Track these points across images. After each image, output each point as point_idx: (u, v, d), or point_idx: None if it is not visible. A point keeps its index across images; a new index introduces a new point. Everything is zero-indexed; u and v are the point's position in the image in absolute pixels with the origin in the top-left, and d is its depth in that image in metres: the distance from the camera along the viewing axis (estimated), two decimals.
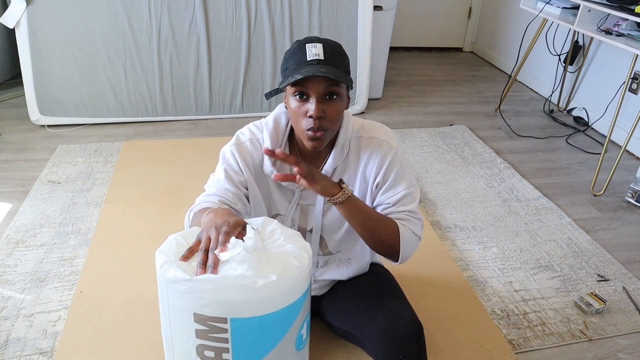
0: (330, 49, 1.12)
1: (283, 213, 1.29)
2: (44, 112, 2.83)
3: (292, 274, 0.96)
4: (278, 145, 1.25)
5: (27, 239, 1.98)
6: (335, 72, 1.09)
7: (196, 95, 3.00)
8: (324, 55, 1.10)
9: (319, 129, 1.12)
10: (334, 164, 1.25)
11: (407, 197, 1.25)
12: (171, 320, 1.00)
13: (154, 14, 2.78)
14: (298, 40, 1.15)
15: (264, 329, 0.98)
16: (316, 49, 1.10)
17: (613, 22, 2.60)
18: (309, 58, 1.10)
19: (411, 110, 3.43)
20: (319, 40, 1.12)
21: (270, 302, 0.96)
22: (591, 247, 2.11)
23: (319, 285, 1.42)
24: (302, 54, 1.11)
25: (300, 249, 1.01)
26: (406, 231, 1.22)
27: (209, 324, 0.95)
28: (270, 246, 1.02)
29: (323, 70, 1.07)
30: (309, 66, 1.09)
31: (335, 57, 1.12)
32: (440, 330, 1.62)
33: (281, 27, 2.96)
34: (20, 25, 2.65)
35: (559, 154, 2.94)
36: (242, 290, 0.92)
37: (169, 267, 0.94)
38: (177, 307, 0.96)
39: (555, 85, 3.52)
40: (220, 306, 0.93)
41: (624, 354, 1.62)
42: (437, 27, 4.66)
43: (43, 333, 1.56)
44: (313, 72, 1.07)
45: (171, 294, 0.96)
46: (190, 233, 1.04)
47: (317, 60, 1.09)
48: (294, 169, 1.08)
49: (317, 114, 1.10)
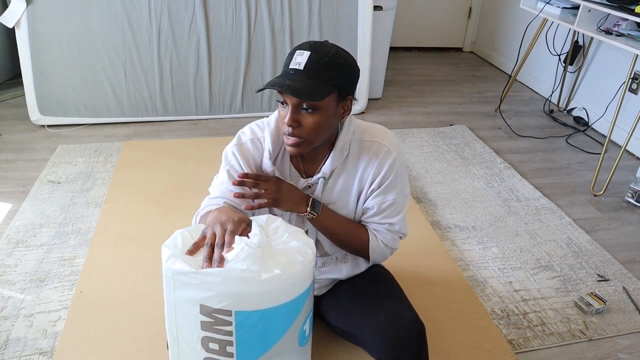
0: (317, 59, 1.09)
1: (279, 214, 1.29)
2: (44, 112, 2.83)
3: (296, 269, 0.98)
4: (279, 145, 1.26)
5: (27, 239, 1.98)
6: (303, 86, 1.07)
7: (196, 95, 3.00)
8: (305, 65, 1.08)
9: (292, 136, 1.14)
10: (332, 166, 1.25)
11: (393, 207, 1.28)
12: (177, 313, 1.01)
13: (154, 14, 2.78)
14: (303, 43, 1.15)
15: (267, 323, 1.00)
16: (301, 57, 1.09)
17: (613, 22, 2.60)
18: (290, 66, 1.10)
19: (411, 110, 3.43)
20: (311, 48, 1.10)
21: (274, 295, 0.97)
22: (591, 247, 2.11)
23: (319, 285, 1.42)
24: (289, 60, 1.11)
25: (304, 244, 1.03)
26: (376, 243, 1.31)
27: (215, 315, 0.97)
28: (275, 242, 1.03)
29: (289, 82, 1.07)
30: (283, 76, 1.10)
31: (318, 68, 1.09)
32: (440, 330, 1.62)
33: (281, 27, 2.96)
34: (20, 25, 2.65)
35: (559, 154, 2.94)
36: (247, 282, 0.94)
37: (175, 260, 0.96)
38: (184, 299, 0.98)
39: (555, 85, 3.52)
40: (225, 298, 0.95)
41: (624, 354, 1.62)
42: (437, 27, 4.66)
43: (43, 333, 1.56)
44: (278, 84, 1.07)
45: (177, 285, 0.97)
46: (195, 229, 1.06)
47: (295, 70, 1.09)
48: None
49: (289, 122, 1.12)
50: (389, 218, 1.29)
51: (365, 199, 1.29)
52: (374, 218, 1.30)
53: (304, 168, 1.28)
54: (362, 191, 1.28)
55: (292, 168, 1.28)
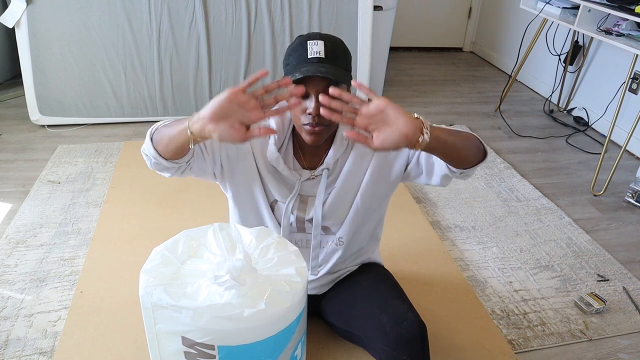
0: (332, 47, 1.12)
1: (282, 201, 1.29)
2: (44, 112, 2.83)
3: (282, 304, 0.90)
4: (283, 134, 1.25)
5: (27, 239, 1.98)
6: (335, 72, 1.09)
7: (196, 95, 3.00)
8: (325, 53, 1.10)
9: (318, 124, 1.13)
10: (335, 156, 1.26)
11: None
12: (159, 344, 0.97)
13: (154, 14, 2.78)
14: (300, 36, 1.16)
15: (253, 356, 0.94)
16: (317, 47, 1.10)
17: (613, 22, 2.60)
18: (309, 56, 1.10)
19: (411, 110, 3.38)
20: (321, 37, 1.12)
21: (259, 330, 0.91)
22: (591, 247, 2.11)
23: (319, 283, 1.42)
24: (304, 51, 1.11)
25: (295, 272, 0.95)
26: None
27: (198, 348, 0.92)
28: (262, 267, 0.96)
29: (323, 69, 1.08)
30: (310, 64, 1.09)
31: (336, 54, 1.12)
32: (440, 330, 1.62)
33: (281, 27, 2.96)
34: (20, 25, 2.65)
35: (559, 154, 2.94)
36: (229, 320, 0.88)
37: (153, 291, 0.89)
38: (165, 330, 0.93)
39: (555, 85, 3.52)
40: (207, 333, 0.90)
41: (624, 354, 1.62)
42: (437, 27, 4.66)
43: (43, 333, 1.56)
44: (313, 72, 1.07)
45: (158, 317, 0.92)
46: (174, 245, 0.97)
47: (318, 58, 1.10)
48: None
49: (316, 111, 1.10)
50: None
51: (407, 165, 1.27)
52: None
53: (306, 160, 1.28)
54: (380, 165, 1.27)
55: (295, 160, 1.28)
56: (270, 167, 1.26)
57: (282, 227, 1.31)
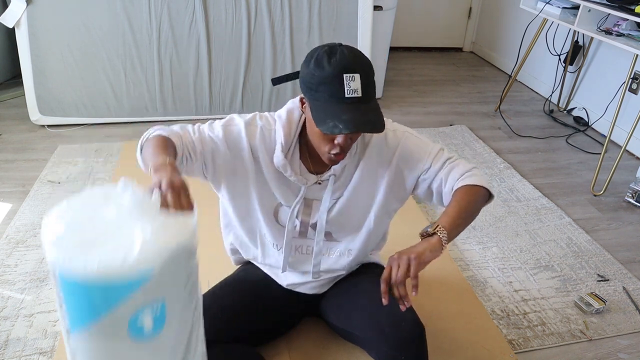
0: (366, 77, 1.05)
1: (287, 205, 1.29)
2: (44, 112, 2.83)
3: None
4: (290, 140, 1.22)
5: (27, 239, 1.98)
6: (376, 118, 1.06)
7: (196, 95, 3.00)
8: (362, 90, 1.03)
9: (342, 153, 1.14)
10: (342, 163, 1.25)
11: (439, 155, 1.27)
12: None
13: (154, 14, 2.78)
14: (331, 56, 1.05)
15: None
16: (355, 83, 1.03)
17: (613, 22, 2.60)
18: (347, 95, 1.03)
19: (411, 110, 3.43)
20: (354, 64, 1.04)
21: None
22: (591, 247, 2.11)
23: (319, 283, 1.42)
24: (339, 86, 1.03)
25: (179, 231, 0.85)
26: (471, 179, 1.25)
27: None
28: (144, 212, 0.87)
29: (363, 119, 1.04)
30: (349, 112, 1.03)
31: (370, 88, 1.06)
32: (440, 330, 1.62)
33: (281, 27, 2.96)
34: (20, 25, 2.65)
35: (559, 154, 2.94)
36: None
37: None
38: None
39: (555, 85, 3.52)
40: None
41: (624, 354, 1.62)
42: (437, 27, 4.66)
43: (43, 333, 1.56)
44: (357, 126, 1.03)
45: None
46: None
47: (357, 98, 1.03)
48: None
49: (347, 146, 1.13)
50: (444, 162, 1.27)
51: (416, 185, 1.30)
52: (440, 175, 1.27)
53: (313, 164, 1.27)
54: (390, 173, 1.28)
55: (302, 165, 1.26)
56: (276, 171, 1.25)
57: (287, 231, 1.31)
